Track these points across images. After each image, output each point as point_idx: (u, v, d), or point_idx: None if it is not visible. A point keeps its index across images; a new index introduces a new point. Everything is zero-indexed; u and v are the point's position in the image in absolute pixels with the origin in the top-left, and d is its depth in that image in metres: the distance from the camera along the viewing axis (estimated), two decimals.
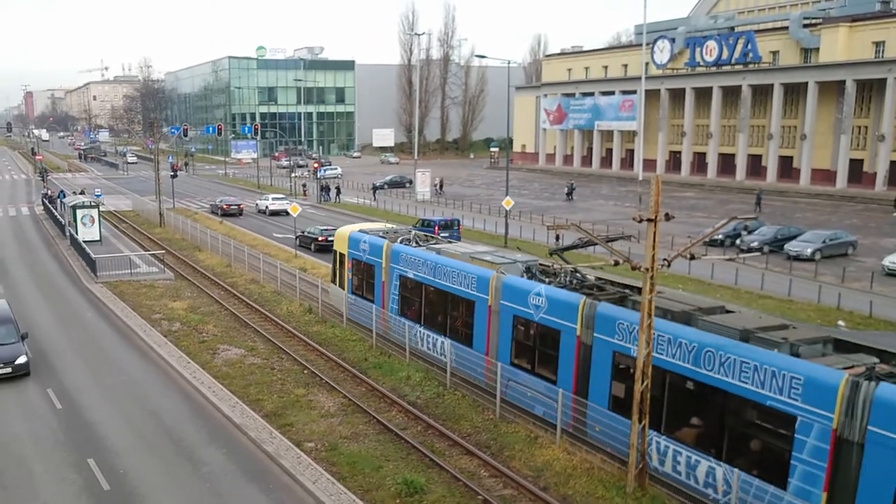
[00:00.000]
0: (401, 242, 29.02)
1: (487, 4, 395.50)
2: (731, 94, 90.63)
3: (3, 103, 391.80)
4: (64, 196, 65.07)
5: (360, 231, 31.53)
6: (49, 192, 71.71)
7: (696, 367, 17.10)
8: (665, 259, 17.55)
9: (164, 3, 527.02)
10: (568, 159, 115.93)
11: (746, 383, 16.01)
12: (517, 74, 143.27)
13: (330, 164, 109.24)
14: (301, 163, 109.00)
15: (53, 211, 59.27)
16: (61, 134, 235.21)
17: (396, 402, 23.23)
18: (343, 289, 32.10)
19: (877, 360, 15.75)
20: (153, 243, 50.70)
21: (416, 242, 29.22)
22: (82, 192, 67.22)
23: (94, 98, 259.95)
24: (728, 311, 19.65)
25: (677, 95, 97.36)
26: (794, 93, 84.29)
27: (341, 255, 32.28)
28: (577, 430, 20.06)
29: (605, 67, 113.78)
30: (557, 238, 47.80)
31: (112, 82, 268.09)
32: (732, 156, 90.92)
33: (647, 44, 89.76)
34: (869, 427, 13.96)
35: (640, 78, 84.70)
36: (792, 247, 45.95)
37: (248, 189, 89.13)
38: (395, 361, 26.63)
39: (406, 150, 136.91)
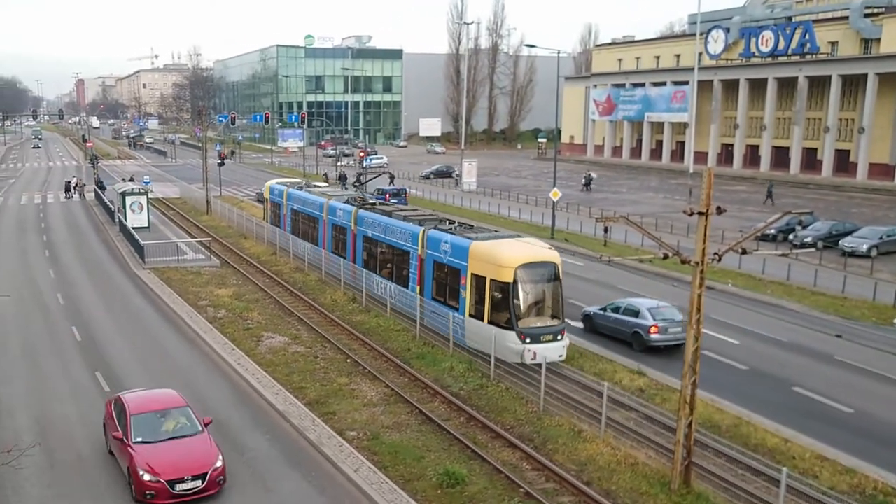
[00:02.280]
0: (295, 188, 43.77)
1: None
2: (787, 85, 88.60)
3: (55, 90, 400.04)
4: (103, 187, 65.94)
5: (277, 182, 47.47)
6: (76, 180, 72.38)
7: (388, 235, 31.91)
8: (716, 253, 17.17)
9: None
10: (617, 151, 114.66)
11: (400, 240, 30.82)
12: (567, 64, 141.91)
13: (376, 154, 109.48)
14: (347, 152, 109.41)
15: (103, 198, 60.16)
16: (111, 121, 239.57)
17: (439, 392, 23.14)
18: (266, 222, 46.92)
19: (454, 222, 30.30)
20: (200, 231, 51.27)
21: (306, 188, 43.84)
22: (131, 179, 68.24)
23: (144, 86, 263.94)
24: (415, 210, 36.92)
25: (731, 87, 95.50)
26: (853, 85, 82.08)
27: (265, 199, 47.62)
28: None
29: (657, 58, 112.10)
30: (606, 230, 47.41)
31: (162, 70, 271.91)
32: (787, 149, 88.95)
33: (701, 34, 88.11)
34: (426, 250, 28.71)
35: (692, 69, 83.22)
36: (847, 243, 44.81)
37: (293, 178, 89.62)
38: (439, 352, 26.54)
39: (453, 140, 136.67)
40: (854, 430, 21.37)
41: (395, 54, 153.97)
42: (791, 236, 47.43)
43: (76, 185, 70.59)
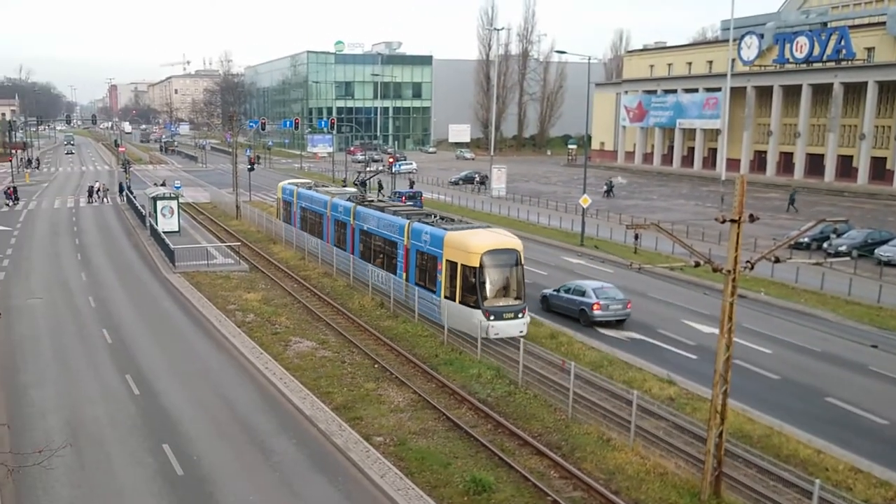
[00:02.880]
0: (304, 188, 47.49)
1: None
2: (822, 92, 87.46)
3: (88, 95, 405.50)
4: (124, 189, 66.77)
5: (288, 183, 50.92)
6: (99, 184, 72.89)
7: (379, 228, 35.36)
8: (748, 261, 16.93)
9: None
10: (648, 157, 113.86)
11: (390, 232, 34.27)
12: (597, 71, 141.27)
13: (405, 159, 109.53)
14: (376, 157, 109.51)
15: (134, 202, 60.71)
16: (143, 126, 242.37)
17: (466, 399, 23.03)
18: (279, 219, 50.80)
19: (436, 216, 33.92)
20: (229, 235, 51.66)
21: (314, 188, 47.53)
22: (164, 184, 68.85)
23: (176, 92, 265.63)
24: (406, 206, 42.44)
25: (764, 93, 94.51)
26: (890, 91, 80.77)
27: (278, 199, 51.80)
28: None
29: (689, 64, 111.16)
30: (636, 237, 47.03)
31: (193, 76, 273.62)
32: (821, 156, 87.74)
33: (734, 40, 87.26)
34: (411, 240, 32.07)
35: (725, 75, 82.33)
36: (883, 252, 44.07)
37: (322, 183, 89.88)
38: (466, 359, 26.43)
39: (482, 146, 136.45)
40: (889, 442, 20.93)
41: (425, 60, 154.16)
42: (825, 245, 46.73)
43: (99, 189, 71.19)
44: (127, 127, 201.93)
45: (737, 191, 16.29)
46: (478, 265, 28.27)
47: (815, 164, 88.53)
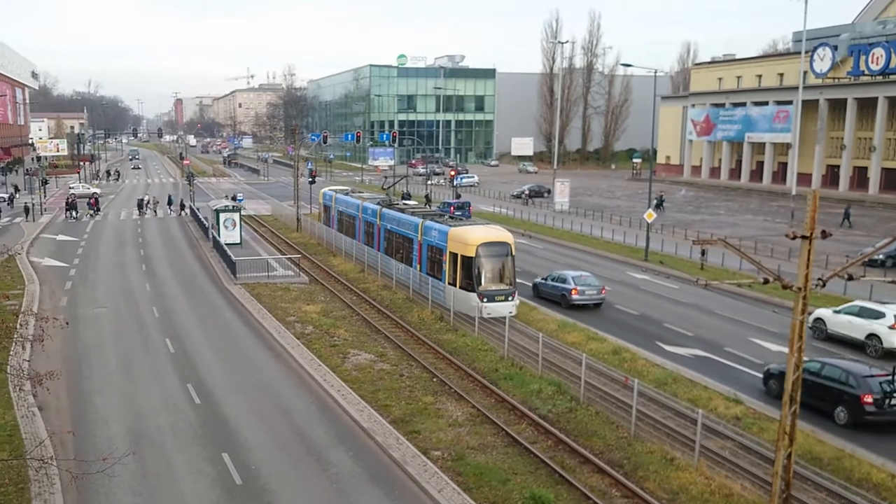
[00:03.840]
0: (341, 194, 52.38)
1: (635, 12, 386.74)
2: None
3: (154, 109, 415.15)
4: (173, 202, 68.12)
5: (328, 189, 55.94)
6: (149, 197, 73.62)
7: (399, 227, 40.00)
8: (819, 278, 16.26)
9: (310, 13, 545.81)
10: (714, 172, 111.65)
11: (407, 230, 38.82)
12: (663, 83, 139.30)
13: (467, 173, 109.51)
14: (437, 170, 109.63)
15: (198, 214, 61.60)
16: (208, 140, 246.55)
17: (526, 414, 22.69)
18: (320, 221, 56.49)
19: (446, 216, 41.19)
20: (290, 247, 52.15)
21: (350, 194, 52.25)
22: (234, 198, 69.84)
23: (240, 105, 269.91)
24: (423, 207, 50.23)
25: (838, 106, 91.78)
26: None
27: (320, 203, 56.89)
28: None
29: (759, 77, 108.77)
30: (703, 253, 45.97)
31: (257, 90, 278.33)
32: None
33: (807, 52, 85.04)
34: (423, 236, 36.69)
35: (796, 88, 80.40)
36: None
37: (382, 195, 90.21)
38: (527, 374, 26.08)
39: (545, 160, 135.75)
40: None
41: (488, 73, 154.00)
42: None
43: (149, 202, 72.40)
44: (192, 140, 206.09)
45: (809, 206, 15.68)
46: (474, 255, 33.09)
47: (891, 178, 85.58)
